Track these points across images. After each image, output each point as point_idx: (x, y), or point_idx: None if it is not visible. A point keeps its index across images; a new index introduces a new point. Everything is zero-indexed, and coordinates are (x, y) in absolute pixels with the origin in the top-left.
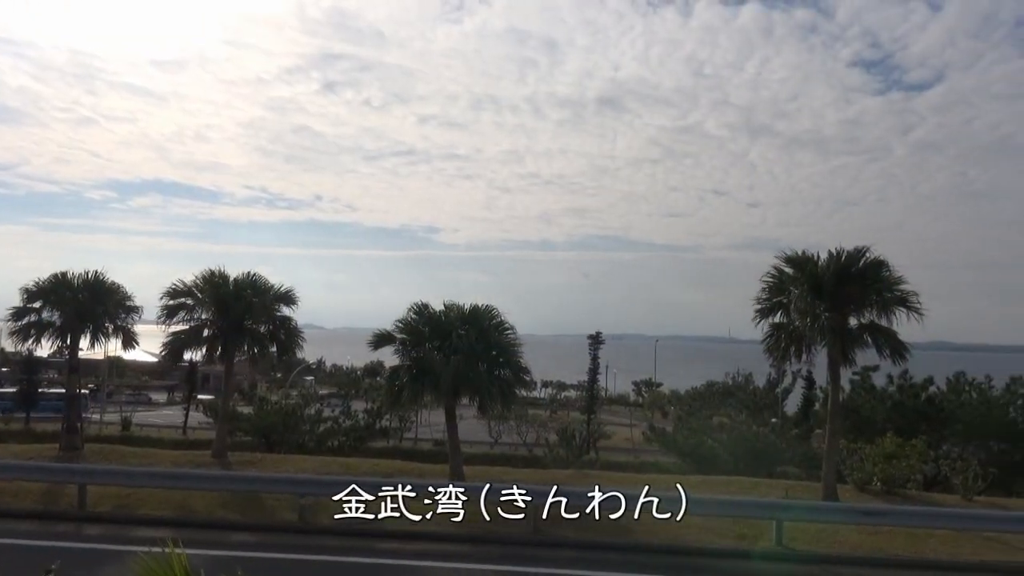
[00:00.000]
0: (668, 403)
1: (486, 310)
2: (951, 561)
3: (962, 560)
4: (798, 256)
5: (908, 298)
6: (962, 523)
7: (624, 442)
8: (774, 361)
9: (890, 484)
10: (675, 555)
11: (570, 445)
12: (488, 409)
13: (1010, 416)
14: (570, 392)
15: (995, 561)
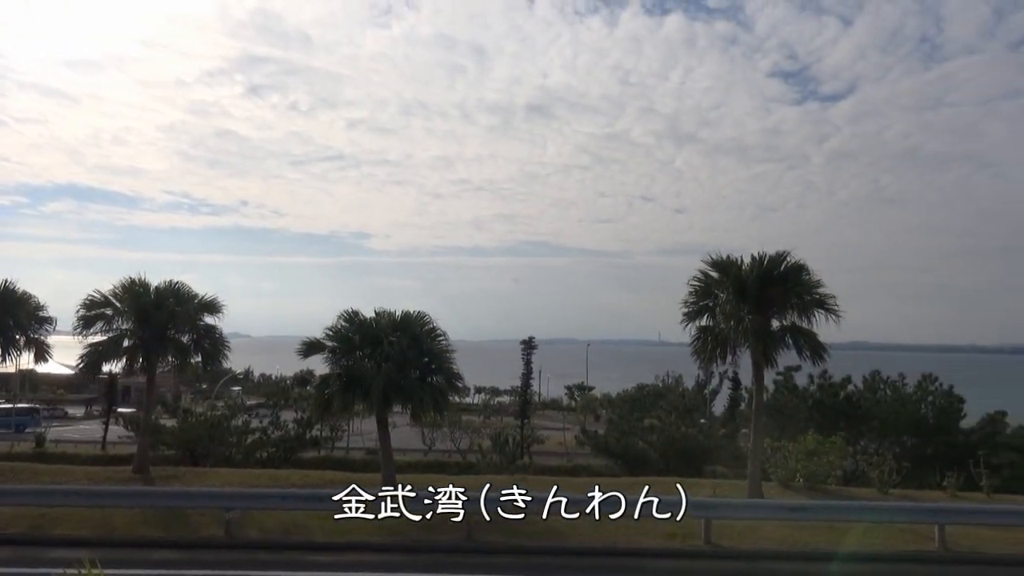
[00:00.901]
0: (600, 406)
1: (418, 317)
2: (870, 552)
3: (879, 551)
4: (723, 261)
5: (826, 300)
6: (878, 515)
7: (558, 446)
8: (702, 363)
9: (812, 480)
10: (607, 556)
11: (504, 450)
12: (421, 416)
13: (922, 412)
14: (504, 398)
15: (909, 550)
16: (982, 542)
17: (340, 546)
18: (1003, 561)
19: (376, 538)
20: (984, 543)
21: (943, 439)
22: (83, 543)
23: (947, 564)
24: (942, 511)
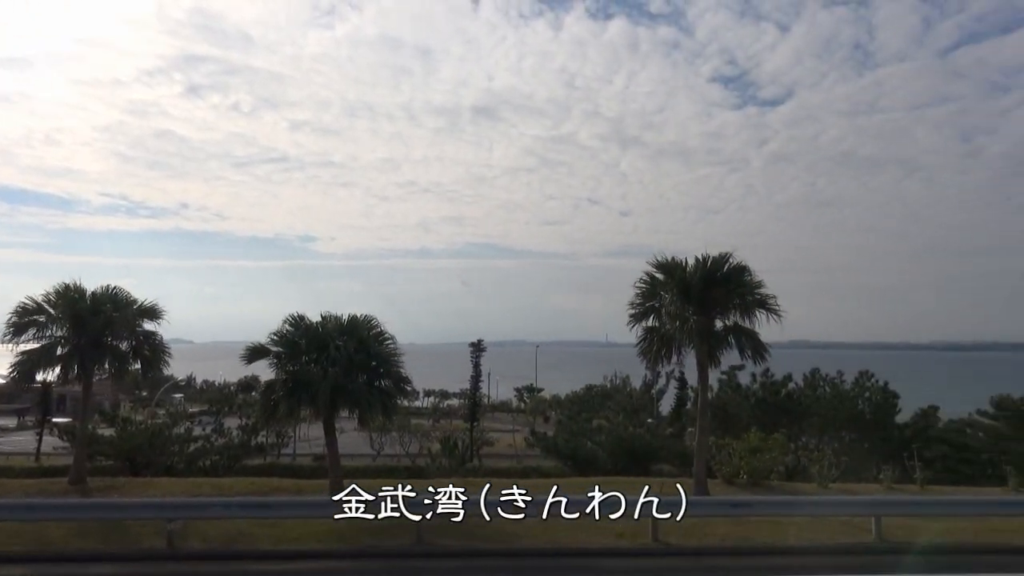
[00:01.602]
0: (549, 408)
1: (365, 320)
2: (810, 546)
3: (819, 544)
4: (668, 263)
5: (767, 301)
6: (818, 509)
7: (507, 448)
8: (648, 363)
9: (755, 476)
10: (558, 557)
11: (453, 454)
12: (369, 421)
13: (859, 408)
14: (453, 401)
15: (848, 543)
16: (916, 532)
17: (287, 554)
18: (935, 550)
19: (324, 545)
20: (918, 533)
21: (879, 434)
22: (17, 559)
23: (883, 554)
24: (878, 503)
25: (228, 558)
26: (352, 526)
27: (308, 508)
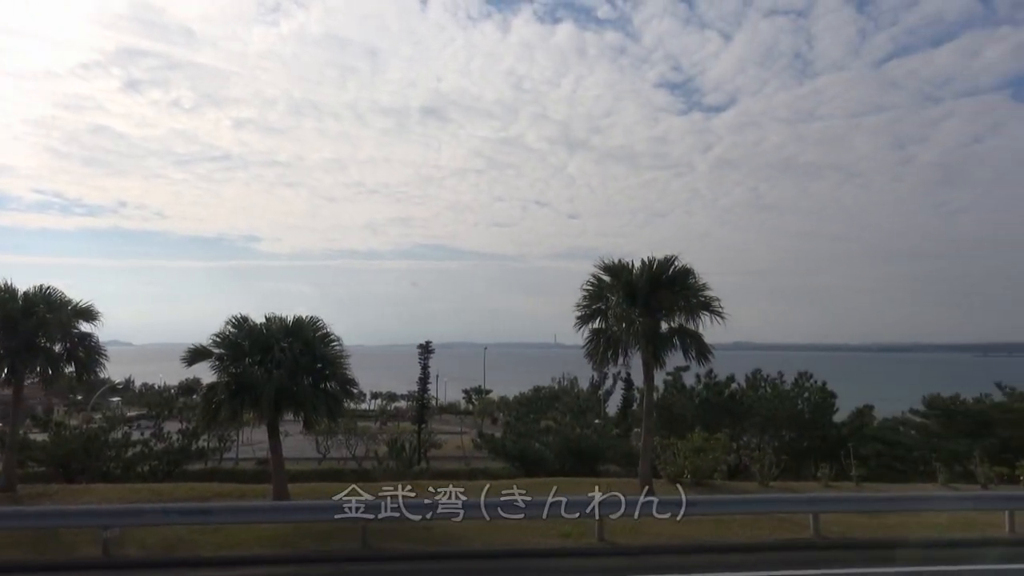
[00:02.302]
0: (498, 409)
1: (310, 322)
2: (751, 543)
3: (759, 541)
4: (614, 265)
5: (712, 303)
6: (759, 507)
7: (455, 450)
8: (595, 364)
9: (699, 475)
10: (504, 558)
11: (400, 456)
12: (314, 424)
13: (798, 408)
14: (400, 403)
15: (787, 539)
16: (852, 528)
17: (228, 561)
18: (871, 545)
19: (267, 550)
20: (853, 529)
21: (818, 433)
22: None
23: (821, 550)
24: (816, 500)
25: (167, 566)
26: (297, 531)
27: (251, 513)
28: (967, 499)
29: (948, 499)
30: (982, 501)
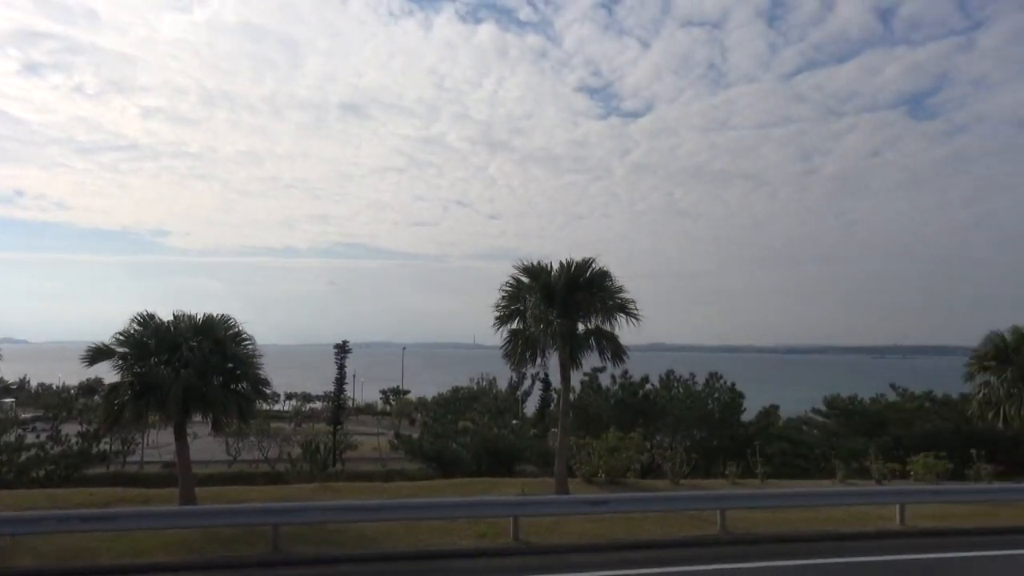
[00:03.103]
0: (415, 410)
1: (222, 320)
2: (662, 539)
3: (670, 537)
4: (533, 266)
5: (627, 305)
6: (670, 504)
7: (372, 451)
8: (513, 365)
9: (613, 474)
10: (418, 560)
11: (315, 458)
12: (223, 426)
13: (709, 408)
14: (316, 404)
15: (696, 535)
16: (756, 523)
17: (130, 568)
18: (773, 539)
19: (172, 557)
20: (758, 524)
21: (727, 432)
22: None
23: (726, 545)
24: (723, 497)
25: (68, 573)
26: (204, 536)
27: (156, 518)
28: (862, 494)
29: (845, 494)
30: (876, 496)
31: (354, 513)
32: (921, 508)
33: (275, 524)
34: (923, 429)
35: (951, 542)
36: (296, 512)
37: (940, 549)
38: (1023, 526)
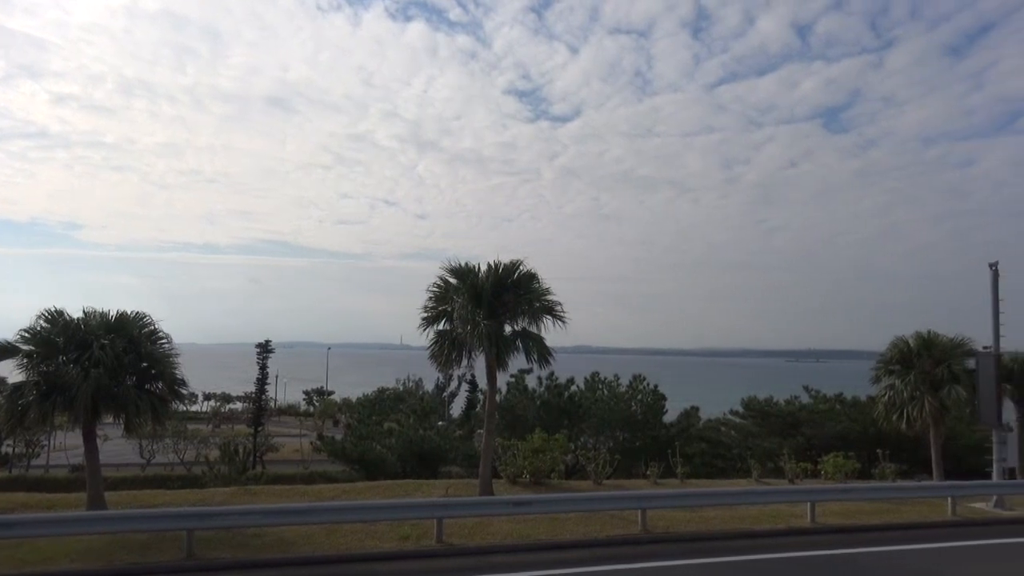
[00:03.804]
0: (339, 411)
1: (136, 317)
2: (584, 539)
3: (592, 537)
4: (461, 267)
5: (554, 307)
6: (592, 505)
7: (294, 453)
8: (439, 366)
9: (537, 475)
10: (339, 564)
11: (233, 461)
12: (137, 427)
13: (632, 409)
14: (236, 404)
15: (617, 535)
16: (675, 523)
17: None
18: (691, 538)
19: (78, 565)
20: (677, 523)
21: (649, 433)
22: None
23: (647, 544)
24: (644, 497)
25: None
26: (113, 542)
27: (61, 525)
28: (776, 493)
29: (760, 494)
30: (789, 495)
31: (273, 517)
32: (830, 506)
33: (190, 529)
34: (833, 430)
35: (857, 538)
36: (212, 516)
37: (847, 545)
38: (924, 522)
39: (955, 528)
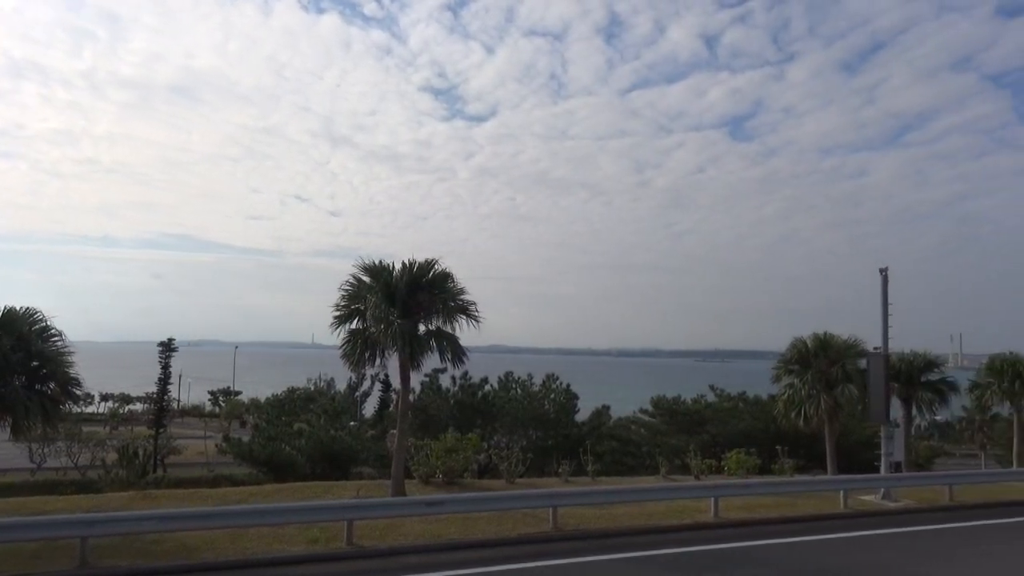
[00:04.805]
0: (247, 412)
1: (25, 314)
2: (496, 538)
3: (504, 536)
4: (374, 266)
5: (469, 307)
6: (504, 504)
7: (198, 456)
8: (352, 366)
9: (450, 475)
10: (243, 569)
11: (132, 464)
12: (26, 430)
13: (545, 408)
14: (136, 405)
15: (528, 533)
16: (585, 520)
17: None
18: (601, 535)
19: None
20: (588, 520)
21: (561, 431)
22: None
23: (557, 542)
24: (555, 495)
25: None
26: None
27: None
28: (682, 489)
29: (666, 490)
30: (694, 491)
31: (173, 522)
32: (733, 501)
33: (83, 536)
34: (737, 428)
35: (758, 531)
36: (107, 523)
37: (748, 538)
38: (818, 514)
39: (847, 520)
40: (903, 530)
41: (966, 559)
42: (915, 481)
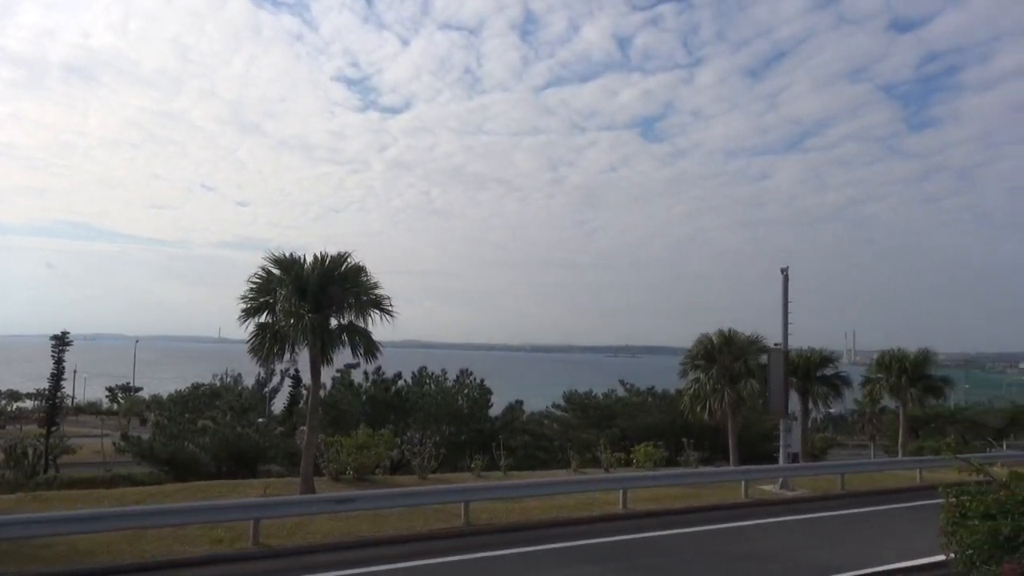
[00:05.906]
0: (148, 409)
1: None
2: (407, 534)
3: (415, 532)
4: (285, 258)
5: (382, 301)
6: (416, 499)
7: (94, 455)
8: (260, 361)
9: (361, 472)
10: (141, 572)
11: (20, 464)
12: None
13: (459, 403)
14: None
15: (440, 529)
16: (497, 514)
17: None
18: (512, 528)
19: None
20: (499, 515)
21: (475, 426)
22: None
23: (469, 536)
24: (467, 490)
25: None
26: None
27: None
28: (592, 482)
29: (577, 483)
30: (603, 483)
31: (65, 525)
32: (641, 492)
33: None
34: (645, 421)
35: (664, 521)
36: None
37: (656, 528)
38: (721, 504)
39: (748, 508)
40: (800, 517)
41: (856, 542)
42: (810, 471)
